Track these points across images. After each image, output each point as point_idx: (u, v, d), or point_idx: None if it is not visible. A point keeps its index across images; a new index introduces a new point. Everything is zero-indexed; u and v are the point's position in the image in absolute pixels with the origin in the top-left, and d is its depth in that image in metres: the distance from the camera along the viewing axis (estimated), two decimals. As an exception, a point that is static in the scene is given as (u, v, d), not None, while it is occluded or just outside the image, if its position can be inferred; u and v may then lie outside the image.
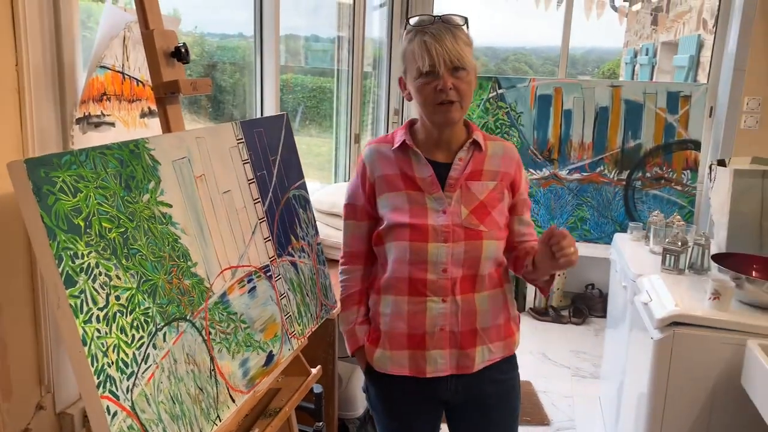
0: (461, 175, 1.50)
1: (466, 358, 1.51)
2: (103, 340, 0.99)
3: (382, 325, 1.54)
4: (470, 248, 1.48)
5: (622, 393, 2.56)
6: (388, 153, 1.53)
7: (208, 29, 2.58)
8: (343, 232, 1.61)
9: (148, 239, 1.13)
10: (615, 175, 4.14)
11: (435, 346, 1.50)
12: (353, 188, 1.57)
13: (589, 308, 4.26)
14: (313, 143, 3.92)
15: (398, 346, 1.52)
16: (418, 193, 1.50)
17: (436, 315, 1.48)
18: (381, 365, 1.55)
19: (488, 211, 1.50)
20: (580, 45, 13.78)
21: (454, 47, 1.39)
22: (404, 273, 1.49)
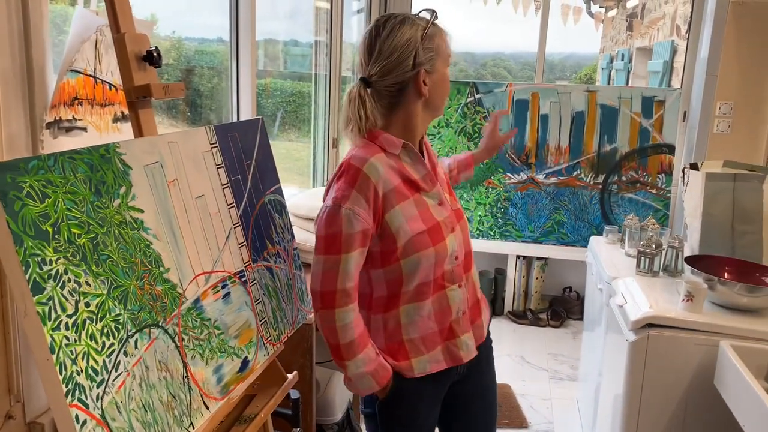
0: (432, 165, 1.55)
1: (480, 328, 1.61)
2: (72, 348, 0.98)
3: (407, 334, 1.48)
4: (463, 227, 1.56)
5: (599, 395, 2.58)
6: (390, 162, 1.44)
7: (187, 33, 2.57)
8: (342, 268, 1.38)
9: (119, 245, 1.11)
10: (591, 179, 4.18)
11: (462, 330, 1.54)
12: (361, 214, 1.38)
13: (566, 311, 4.29)
14: (292, 148, 3.91)
15: (433, 345, 1.52)
16: (419, 195, 1.47)
17: (457, 301, 1.52)
18: (422, 370, 1.51)
19: (450, 188, 1.62)
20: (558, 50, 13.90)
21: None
22: (429, 277, 1.46)
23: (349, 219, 1.37)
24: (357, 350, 1.42)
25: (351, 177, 1.40)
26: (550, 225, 4.26)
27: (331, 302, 1.40)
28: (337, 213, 1.38)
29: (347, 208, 1.38)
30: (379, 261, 1.45)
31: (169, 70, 2.84)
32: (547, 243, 4.27)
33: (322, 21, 3.25)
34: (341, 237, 1.37)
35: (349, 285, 1.40)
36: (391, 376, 1.48)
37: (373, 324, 1.51)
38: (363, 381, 1.45)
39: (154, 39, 2.81)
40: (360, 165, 1.40)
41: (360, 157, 1.42)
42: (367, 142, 1.45)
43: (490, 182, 4.27)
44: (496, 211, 4.30)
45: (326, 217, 1.39)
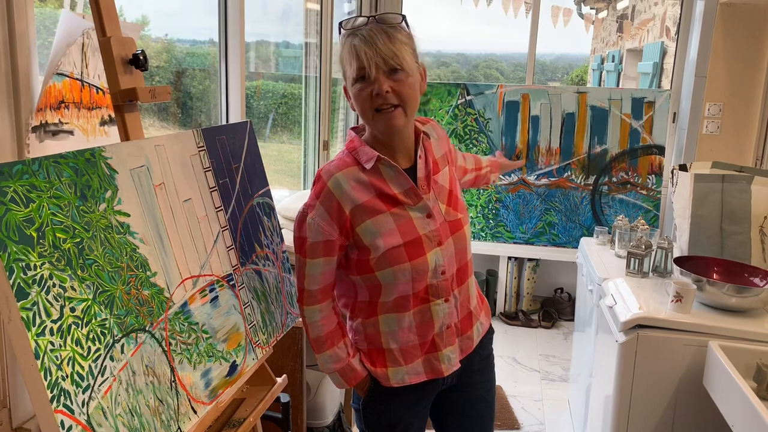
0: (427, 173, 1.45)
1: (468, 339, 1.55)
2: (57, 353, 0.97)
3: (389, 343, 1.47)
4: (457, 240, 1.47)
5: (589, 395, 2.59)
6: (359, 176, 1.40)
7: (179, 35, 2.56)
8: (308, 272, 1.42)
9: (105, 249, 1.11)
10: (582, 180, 4.19)
11: (446, 344, 1.49)
12: (320, 224, 1.38)
13: (558, 312, 4.30)
14: (284, 150, 3.91)
15: (412, 358, 1.48)
16: (400, 209, 1.41)
17: (442, 316, 1.47)
18: (399, 381, 1.49)
19: (456, 195, 1.51)
20: (549, 52, 13.95)
21: (387, 47, 1.29)
22: (408, 291, 1.43)
23: (311, 228, 1.39)
24: (324, 347, 1.46)
25: (318, 188, 1.41)
26: (542, 226, 4.27)
27: (301, 299, 1.46)
28: (303, 220, 1.40)
29: (311, 217, 1.39)
30: (355, 269, 1.44)
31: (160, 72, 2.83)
32: (538, 244, 4.28)
33: (312, 23, 3.24)
34: (306, 243, 1.40)
35: (315, 288, 1.43)
36: (362, 379, 1.50)
37: (356, 327, 1.51)
38: (333, 377, 1.51)
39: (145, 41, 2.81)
40: (326, 178, 1.40)
41: (328, 170, 1.41)
42: (345, 152, 1.44)
43: (481, 184, 4.27)
44: (488, 212, 4.31)
45: (297, 221, 1.42)
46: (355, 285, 1.48)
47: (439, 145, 1.53)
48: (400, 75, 1.32)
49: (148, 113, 2.93)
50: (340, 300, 1.53)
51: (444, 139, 1.57)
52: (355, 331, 1.51)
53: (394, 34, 1.32)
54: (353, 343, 1.51)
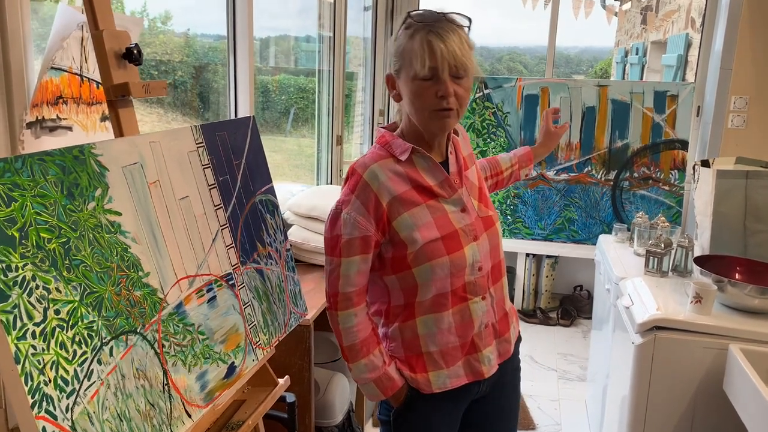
0: (458, 168, 1.46)
1: (506, 342, 1.52)
2: (40, 357, 0.94)
3: (426, 346, 1.43)
4: (491, 237, 1.46)
5: (606, 396, 2.52)
6: (396, 168, 1.39)
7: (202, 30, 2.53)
8: (342, 272, 1.38)
9: (94, 249, 1.08)
10: (602, 176, 4.10)
11: (485, 344, 1.46)
12: (357, 219, 1.36)
13: (577, 310, 4.22)
14: (305, 144, 3.88)
15: (454, 360, 1.44)
16: (435, 201, 1.40)
17: (480, 314, 1.43)
18: (441, 385, 1.44)
19: (485, 193, 1.51)
20: (574, 45, 13.76)
21: (460, 51, 1.28)
22: (446, 288, 1.39)
23: (347, 224, 1.36)
24: (359, 355, 1.41)
25: (353, 183, 1.39)
26: (561, 222, 4.19)
27: (334, 304, 1.41)
28: (338, 217, 1.38)
29: (347, 212, 1.37)
30: (390, 267, 1.41)
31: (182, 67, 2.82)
32: (557, 241, 4.20)
33: (326, 16, 3.20)
34: (341, 241, 1.37)
35: (350, 290, 1.39)
36: (399, 388, 1.44)
37: (392, 334, 1.46)
38: (367, 387, 1.44)
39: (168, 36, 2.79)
40: (361, 171, 1.38)
41: (362, 162, 1.40)
42: (377, 147, 1.43)
43: (499, 179, 4.20)
44: (506, 208, 4.24)
45: (329, 221, 1.40)
46: (389, 288, 1.44)
47: (465, 144, 1.53)
48: (464, 80, 1.33)
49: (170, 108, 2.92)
50: (372, 307, 1.49)
51: (467, 140, 1.56)
52: (390, 338, 1.47)
53: (463, 35, 1.32)
54: (388, 351, 1.46)
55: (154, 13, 2.71)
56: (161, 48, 2.79)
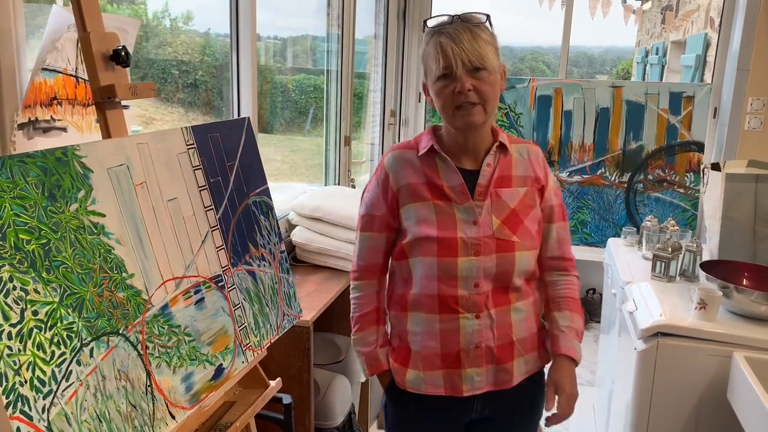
0: (490, 182, 1.42)
1: (505, 372, 1.45)
2: (16, 358, 0.95)
3: (412, 344, 1.47)
4: (502, 261, 1.40)
5: (611, 403, 2.48)
6: (413, 159, 1.45)
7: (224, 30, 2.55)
8: (358, 245, 1.53)
9: (75, 251, 1.08)
10: (616, 178, 4.05)
11: (471, 364, 1.43)
12: (372, 198, 1.48)
13: (589, 313, 4.17)
14: (322, 144, 3.88)
15: (432, 366, 1.45)
16: (446, 203, 1.41)
17: (470, 333, 1.41)
18: (415, 386, 1.48)
19: (521, 220, 1.42)
20: (598, 44, 13.63)
21: (472, 46, 1.31)
22: (433, 290, 1.41)
23: (365, 202, 1.52)
24: (356, 327, 1.54)
25: (378, 165, 1.52)
26: (573, 225, 4.15)
27: (351, 273, 1.57)
28: (362, 196, 1.54)
29: (368, 191, 1.52)
30: (396, 253, 1.50)
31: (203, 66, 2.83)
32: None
33: (334, 15, 3.20)
34: (361, 216, 1.53)
35: (361, 263, 1.53)
36: (383, 372, 1.52)
37: (392, 320, 1.54)
38: (359, 359, 1.55)
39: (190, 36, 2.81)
40: (385, 155, 1.51)
41: (391, 147, 1.53)
42: (413, 139, 1.52)
43: (511, 180, 4.17)
44: (518, 209, 4.20)
45: (360, 198, 1.55)
46: (395, 275, 1.52)
47: (527, 166, 1.47)
48: (483, 74, 1.34)
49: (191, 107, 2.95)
50: (389, 291, 1.56)
51: (540, 167, 1.48)
52: (392, 325, 1.55)
53: (478, 32, 1.34)
54: (387, 336, 1.55)
55: (175, 13, 2.73)
56: (182, 48, 2.81)
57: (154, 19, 2.63)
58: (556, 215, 1.50)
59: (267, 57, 3.51)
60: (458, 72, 1.32)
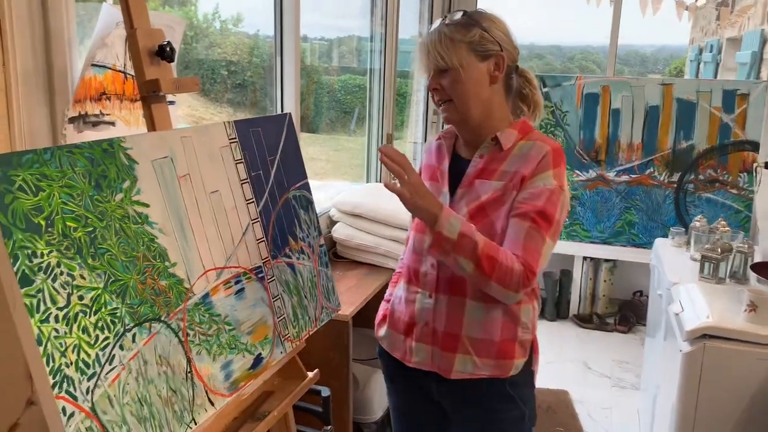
0: (475, 173, 1.44)
1: (445, 360, 1.47)
2: (62, 340, 0.99)
3: (392, 305, 1.60)
4: None
5: (656, 406, 2.43)
6: (433, 144, 1.60)
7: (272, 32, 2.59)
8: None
9: (120, 239, 1.12)
10: (666, 178, 3.95)
11: (418, 338, 1.50)
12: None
13: (636, 316, 4.08)
14: (366, 142, 3.91)
15: (396, 329, 1.57)
16: (436, 185, 1.51)
17: (420, 309, 1.50)
18: (384, 342, 1.62)
19: (486, 214, 1.40)
20: (650, 43, 13.30)
21: (434, 49, 1.38)
22: (409, 261, 1.55)
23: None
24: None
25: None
26: (621, 225, 4.07)
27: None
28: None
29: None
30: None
31: (251, 67, 2.89)
32: (616, 244, 4.08)
33: (378, 14, 3.21)
34: None
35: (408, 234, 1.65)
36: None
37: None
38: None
39: (239, 38, 2.87)
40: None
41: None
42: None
43: (556, 180, 4.11)
44: (563, 209, 4.14)
45: None
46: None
47: (517, 162, 1.39)
48: (450, 73, 1.39)
49: (239, 107, 3.01)
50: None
51: (530, 164, 1.37)
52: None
53: (449, 33, 1.38)
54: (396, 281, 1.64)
55: (226, 15, 2.79)
56: (231, 49, 2.87)
57: (204, 21, 2.70)
58: (521, 212, 1.35)
59: (313, 58, 3.55)
60: (430, 74, 1.43)
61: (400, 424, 1.69)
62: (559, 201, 1.36)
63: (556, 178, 1.36)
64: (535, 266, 1.32)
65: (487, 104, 1.42)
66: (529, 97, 1.50)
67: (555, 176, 1.36)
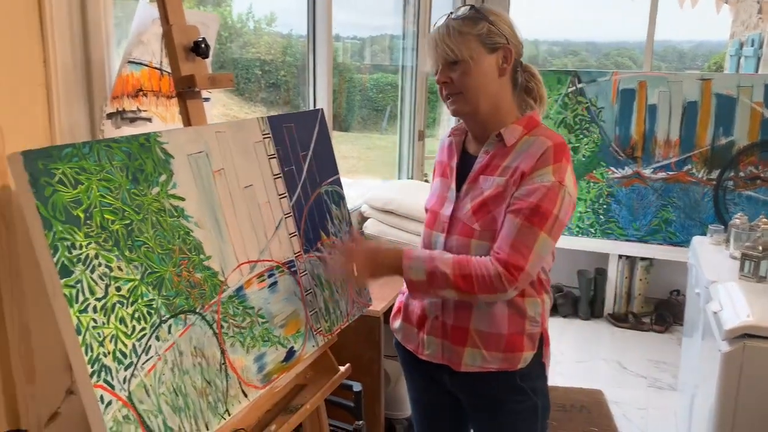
0: (480, 168, 1.46)
1: (455, 354, 1.48)
2: (100, 330, 1.01)
3: (406, 298, 1.60)
4: (461, 244, 1.44)
5: (693, 408, 2.38)
6: (445, 140, 1.61)
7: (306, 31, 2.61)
8: None
9: (156, 232, 1.14)
10: (704, 175, 3.86)
11: (430, 331, 1.52)
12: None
13: (673, 316, 4.00)
14: (398, 139, 3.90)
15: (410, 321, 1.58)
16: (446, 181, 1.53)
17: (431, 303, 1.51)
18: (398, 335, 1.62)
19: (488, 209, 1.40)
20: (689, 38, 13.03)
21: (443, 42, 1.38)
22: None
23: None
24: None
25: None
26: (657, 223, 3.99)
27: None
28: None
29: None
30: None
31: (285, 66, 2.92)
32: (652, 242, 4.00)
33: (410, 12, 3.21)
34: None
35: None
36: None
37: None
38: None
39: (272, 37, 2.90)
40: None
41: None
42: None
43: (591, 176, 4.06)
44: (598, 207, 4.09)
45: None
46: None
47: (519, 158, 1.39)
48: (460, 65, 1.39)
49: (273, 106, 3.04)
50: None
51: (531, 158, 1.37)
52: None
53: (458, 26, 1.38)
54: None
55: (259, 15, 2.82)
56: (265, 48, 2.90)
57: (238, 21, 2.73)
58: (514, 208, 1.35)
59: (345, 56, 3.56)
60: (439, 67, 1.42)
61: (418, 414, 1.71)
62: (557, 197, 1.35)
63: (555, 174, 1.35)
64: (521, 262, 1.33)
65: (495, 97, 1.43)
66: (534, 90, 1.50)
67: (554, 172, 1.35)
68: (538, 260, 1.36)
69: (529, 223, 1.33)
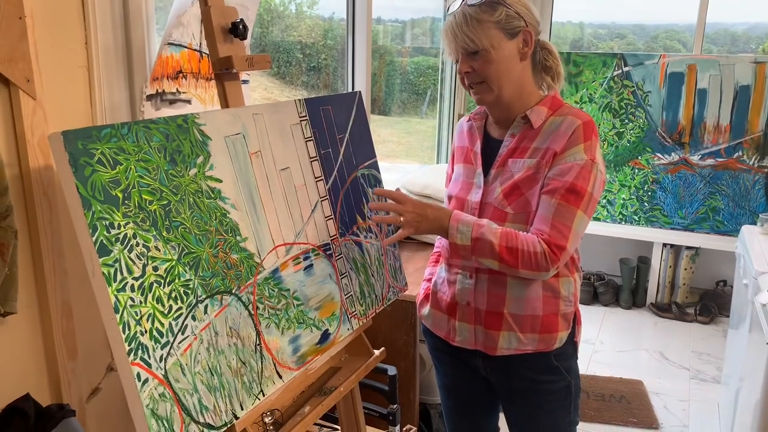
0: (505, 152, 1.43)
1: (490, 339, 1.47)
2: (137, 309, 1.02)
3: (434, 285, 1.60)
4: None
5: (738, 401, 2.31)
6: (464, 125, 1.58)
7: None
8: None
9: (193, 213, 1.14)
10: (755, 162, 3.73)
11: (462, 318, 1.50)
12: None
13: (718, 307, 3.89)
14: (437, 123, 3.86)
15: (438, 308, 1.57)
16: (470, 167, 1.51)
17: (461, 289, 1.49)
18: (427, 322, 1.61)
19: (521, 192, 1.39)
20: (743, 20, 12.64)
21: (462, 32, 1.34)
22: (446, 243, 1.49)
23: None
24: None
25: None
26: (704, 211, 3.88)
27: None
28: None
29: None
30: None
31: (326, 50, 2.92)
32: (699, 231, 3.89)
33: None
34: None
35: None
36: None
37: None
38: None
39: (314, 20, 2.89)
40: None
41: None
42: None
43: (636, 163, 3.96)
44: (643, 194, 3.99)
45: None
46: None
47: (548, 138, 1.38)
48: (480, 55, 1.37)
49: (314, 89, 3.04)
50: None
51: (561, 139, 1.36)
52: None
53: (475, 15, 1.35)
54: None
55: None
56: (306, 32, 2.90)
57: (280, 4, 2.72)
58: (550, 188, 1.35)
59: (386, 39, 3.53)
60: (459, 57, 1.39)
61: (448, 401, 1.70)
62: (590, 174, 1.35)
63: (587, 152, 1.36)
64: (563, 242, 1.34)
65: (518, 82, 1.41)
66: (553, 68, 1.47)
67: (586, 150, 1.36)
68: (576, 238, 1.37)
69: (565, 202, 1.34)
